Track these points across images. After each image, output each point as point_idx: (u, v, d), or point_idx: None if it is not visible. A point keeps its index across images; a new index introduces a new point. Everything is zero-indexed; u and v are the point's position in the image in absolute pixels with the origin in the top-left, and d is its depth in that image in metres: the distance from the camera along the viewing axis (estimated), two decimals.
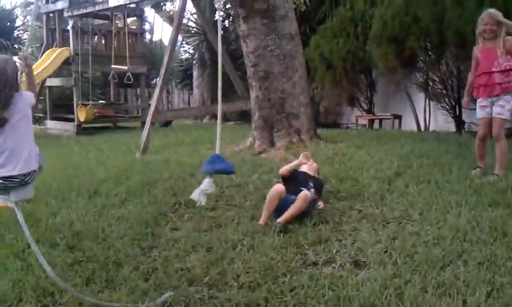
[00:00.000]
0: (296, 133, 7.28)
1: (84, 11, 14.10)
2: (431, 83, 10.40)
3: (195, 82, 20.07)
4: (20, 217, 3.39)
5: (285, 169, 4.85)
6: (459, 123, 10.11)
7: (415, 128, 10.84)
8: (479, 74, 5.41)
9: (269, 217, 4.29)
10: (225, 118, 17.92)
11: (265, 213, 4.30)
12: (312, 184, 4.62)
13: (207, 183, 5.09)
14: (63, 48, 14.40)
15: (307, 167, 4.89)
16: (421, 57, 10.40)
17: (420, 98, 10.90)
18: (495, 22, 5.25)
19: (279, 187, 4.39)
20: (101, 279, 3.39)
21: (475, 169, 5.40)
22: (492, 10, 5.41)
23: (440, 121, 10.70)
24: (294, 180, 4.67)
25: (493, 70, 5.26)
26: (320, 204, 4.54)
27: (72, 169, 7.15)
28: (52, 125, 15.33)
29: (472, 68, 5.61)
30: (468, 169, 5.46)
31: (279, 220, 4.06)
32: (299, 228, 4.07)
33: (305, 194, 4.26)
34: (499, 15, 5.27)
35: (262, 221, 4.24)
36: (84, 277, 3.43)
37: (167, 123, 15.70)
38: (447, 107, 10.18)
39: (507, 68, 5.20)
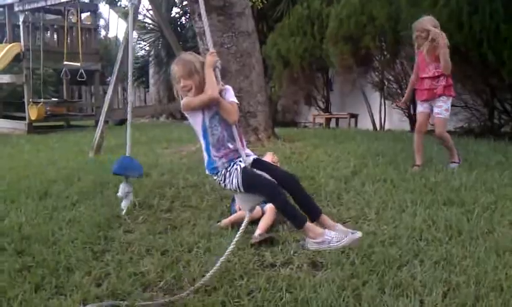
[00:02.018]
0: (254, 132, 7.23)
1: (36, 5, 13.69)
2: (386, 82, 10.55)
3: (151, 80, 19.81)
4: None
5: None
6: (414, 121, 10.26)
7: (370, 127, 10.98)
8: (418, 78, 5.72)
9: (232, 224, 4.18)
10: (182, 117, 17.78)
11: (230, 220, 4.21)
12: None
13: (123, 188, 4.84)
14: (14, 43, 13.94)
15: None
16: (376, 57, 10.55)
17: (375, 97, 11.05)
18: (423, 30, 5.48)
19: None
20: (51, 285, 3.25)
21: (414, 167, 5.55)
22: (425, 17, 5.63)
23: (395, 120, 10.87)
24: None
25: (424, 76, 5.57)
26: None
27: (22, 170, 6.88)
28: (2, 123, 14.84)
29: (414, 70, 5.88)
30: (423, 168, 5.53)
31: (258, 233, 3.89)
32: (256, 229, 4.01)
33: (272, 206, 4.16)
34: (428, 23, 5.49)
35: (222, 224, 4.16)
36: (33, 283, 3.28)
37: (122, 122, 15.40)
38: (402, 106, 10.34)
39: (435, 74, 5.47)
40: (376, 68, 10.76)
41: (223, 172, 3.10)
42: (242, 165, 3.07)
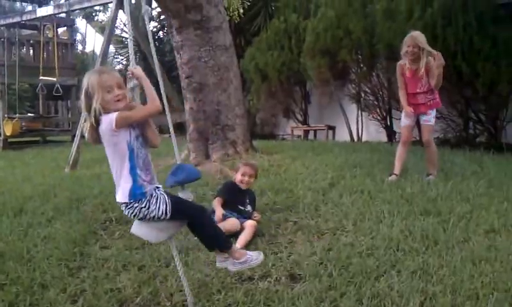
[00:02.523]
0: (232, 145, 7.21)
1: (11, 20, 13.56)
2: (363, 94, 10.65)
3: (129, 94, 19.69)
4: None
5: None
6: (391, 132, 10.38)
7: (348, 138, 11.05)
8: (407, 93, 5.78)
9: None
10: (160, 130, 17.72)
11: None
12: (248, 200, 4.58)
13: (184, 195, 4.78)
14: None
15: (239, 178, 4.67)
16: (353, 70, 10.65)
17: (352, 109, 11.14)
18: (416, 45, 5.54)
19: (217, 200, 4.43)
20: (25, 302, 3.21)
21: (391, 175, 5.63)
22: (416, 33, 5.67)
23: (372, 131, 10.96)
24: (231, 194, 4.55)
25: (418, 91, 5.66)
26: (257, 216, 4.48)
27: None
28: None
29: (400, 84, 5.91)
30: (399, 179, 5.57)
31: (237, 247, 3.89)
32: (233, 241, 3.99)
33: (252, 223, 4.22)
34: (421, 39, 5.55)
35: None
36: (7, 301, 3.24)
37: None
38: (379, 117, 10.44)
39: (429, 88, 5.61)
40: (352, 81, 10.86)
41: (148, 198, 2.82)
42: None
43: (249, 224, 4.20)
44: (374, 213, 4.43)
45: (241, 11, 13.19)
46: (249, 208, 4.51)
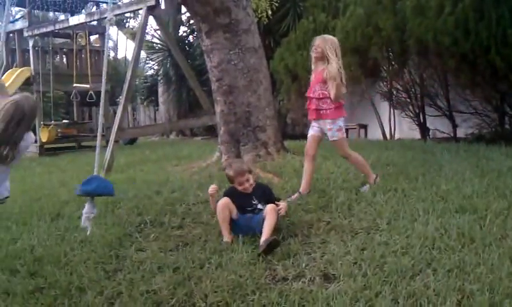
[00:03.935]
0: (263, 146, 7.23)
1: (45, 30, 13.86)
2: (394, 92, 10.54)
3: (160, 99, 19.92)
4: None
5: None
6: (424, 130, 10.24)
7: (380, 137, 10.95)
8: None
9: (230, 232, 4.21)
10: (192, 133, 17.87)
11: (225, 229, 4.21)
12: (256, 200, 4.37)
13: (88, 208, 4.92)
14: (24, 68, 14.10)
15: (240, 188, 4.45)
16: (384, 67, 10.55)
17: (384, 107, 11.03)
18: (320, 49, 5.23)
19: (224, 200, 4.29)
20: (63, 305, 3.27)
21: (296, 193, 5.27)
22: (324, 36, 5.37)
23: (405, 128, 10.84)
24: (235, 199, 4.35)
25: (311, 95, 5.28)
26: (280, 206, 4.27)
27: (34, 192, 6.94)
28: None
29: None
30: (434, 176, 5.49)
31: (263, 239, 3.88)
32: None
33: (272, 206, 4.18)
34: (327, 43, 5.20)
35: (227, 239, 4.16)
36: (46, 304, 3.31)
37: (132, 141, 15.49)
38: (411, 114, 10.32)
39: (321, 95, 5.17)
40: (384, 78, 10.76)
41: None
42: None
43: (269, 210, 4.11)
44: (408, 211, 4.38)
45: (269, 12, 13.23)
46: (260, 206, 4.32)
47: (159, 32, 18.72)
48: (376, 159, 6.54)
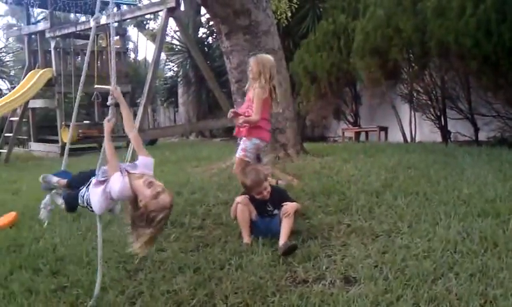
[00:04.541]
0: (282, 148, 7.23)
1: (66, 31, 14.02)
2: (415, 94, 10.45)
3: (180, 100, 20.02)
4: None
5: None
6: (445, 133, 10.14)
7: (401, 139, 10.86)
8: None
9: (250, 234, 4.23)
10: (211, 135, 17.91)
11: (246, 231, 4.23)
12: (271, 207, 4.37)
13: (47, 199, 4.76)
14: (46, 69, 14.28)
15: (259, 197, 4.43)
16: (404, 69, 10.46)
17: (405, 109, 10.95)
18: (254, 70, 5.17)
19: (244, 201, 4.31)
20: (85, 304, 3.31)
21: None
22: (258, 57, 5.29)
23: (426, 131, 10.74)
24: (252, 202, 4.38)
25: (240, 111, 5.23)
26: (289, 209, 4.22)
27: None
28: (36, 146, 15.16)
29: None
30: (455, 179, 5.43)
31: (282, 242, 3.91)
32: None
33: (286, 208, 4.18)
34: (259, 64, 5.15)
35: (247, 240, 4.17)
36: (68, 303, 3.35)
37: (152, 142, 15.58)
38: (432, 117, 10.23)
39: (246, 114, 5.14)
40: (404, 80, 10.67)
41: None
42: None
43: (283, 212, 4.13)
44: (430, 215, 4.34)
45: (289, 14, 13.21)
46: (275, 211, 4.32)
47: (178, 33, 18.82)
48: (396, 162, 6.50)
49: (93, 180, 3.23)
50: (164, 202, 2.84)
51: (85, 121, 16.30)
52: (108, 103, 3.43)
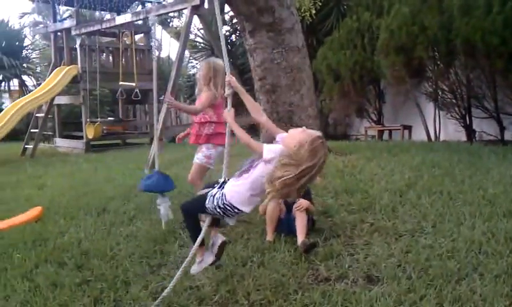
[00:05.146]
0: None
1: (91, 29, 14.15)
2: (440, 92, 10.34)
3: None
4: None
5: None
6: (470, 132, 10.01)
7: (425, 138, 10.76)
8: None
9: (274, 232, 4.23)
10: (233, 132, 17.91)
11: (271, 229, 4.23)
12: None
13: (161, 200, 4.78)
14: (71, 66, 14.44)
15: None
16: (429, 67, 10.36)
17: (429, 108, 10.84)
18: (204, 72, 4.94)
19: (276, 204, 4.26)
20: (109, 298, 3.35)
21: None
22: (209, 61, 5.06)
23: (451, 130, 10.62)
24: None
25: (195, 119, 5.03)
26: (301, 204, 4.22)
27: (81, 187, 7.12)
28: (61, 142, 15.35)
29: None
30: (480, 179, 5.36)
31: (301, 240, 3.90)
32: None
33: (300, 202, 4.15)
34: (211, 68, 4.91)
35: (270, 238, 4.18)
36: (92, 297, 3.39)
37: (175, 139, 15.67)
38: (457, 116, 10.11)
39: (202, 120, 4.94)
40: (429, 78, 10.56)
41: None
42: None
43: (296, 209, 4.12)
44: (454, 214, 4.29)
45: (313, 11, 13.16)
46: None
47: (202, 31, 18.88)
48: (420, 161, 6.44)
49: (232, 178, 3.17)
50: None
51: (109, 118, 16.45)
52: (225, 94, 3.35)
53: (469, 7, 8.71)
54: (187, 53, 20.35)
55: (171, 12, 16.12)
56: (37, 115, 14.57)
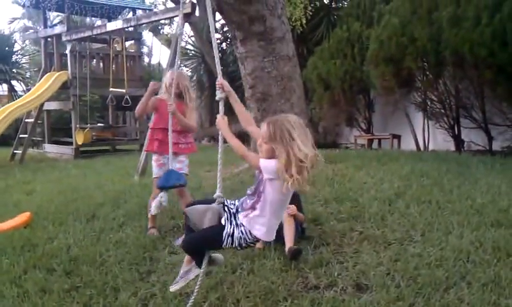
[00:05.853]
0: None
1: (82, 35, 14.14)
2: (429, 102, 10.41)
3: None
4: None
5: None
6: (459, 142, 10.09)
7: (414, 147, 10.82)
8: (158, 127, 5.03)
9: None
10: (225, 140, 17.94)
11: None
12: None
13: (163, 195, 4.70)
14: (61, 72, 14.42)
15: None
16: (418, 77, 10.43)
17: (418, 118, 10.91)
18: (180, 84, 4.88)
19: None
20: (98, 305, 3.35)
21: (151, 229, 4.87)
22: (184, 72, 5.12)
23: (439, 140, 10.70)
24: None
25: (166, 127, 4.76)
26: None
27: (70, 193, 7.09)
28: (50, 148, 15.29)
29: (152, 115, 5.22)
30: (469, 189, 5.41)
31: (288, 246, 3.93)
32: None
33: (287, 211, 4.13)
34: (185, 80, 5.02)
35: (259, 245, 4.18)
36: (81, 303, 3.39)
37: None
38: (446, 126, 10.18)
39: (181, 130, 4.93)
40: (418, 89, 10.64)
41: None
42: None
43: (285, 217, 4.07)
44: (442, 223, 4.33)
45: (304, 21, 13.24)
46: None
47: (192, 38, 18.92)
48: (409, 170, 6.48)
49: (240, 215, 3.03)
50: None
51: (99, 124, 16.40)
52: (217, 98, 3.23)
53: (458, 19, 8.79)
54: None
55: (162, 19, 16.14)
56: (26, 120, 14.51)
